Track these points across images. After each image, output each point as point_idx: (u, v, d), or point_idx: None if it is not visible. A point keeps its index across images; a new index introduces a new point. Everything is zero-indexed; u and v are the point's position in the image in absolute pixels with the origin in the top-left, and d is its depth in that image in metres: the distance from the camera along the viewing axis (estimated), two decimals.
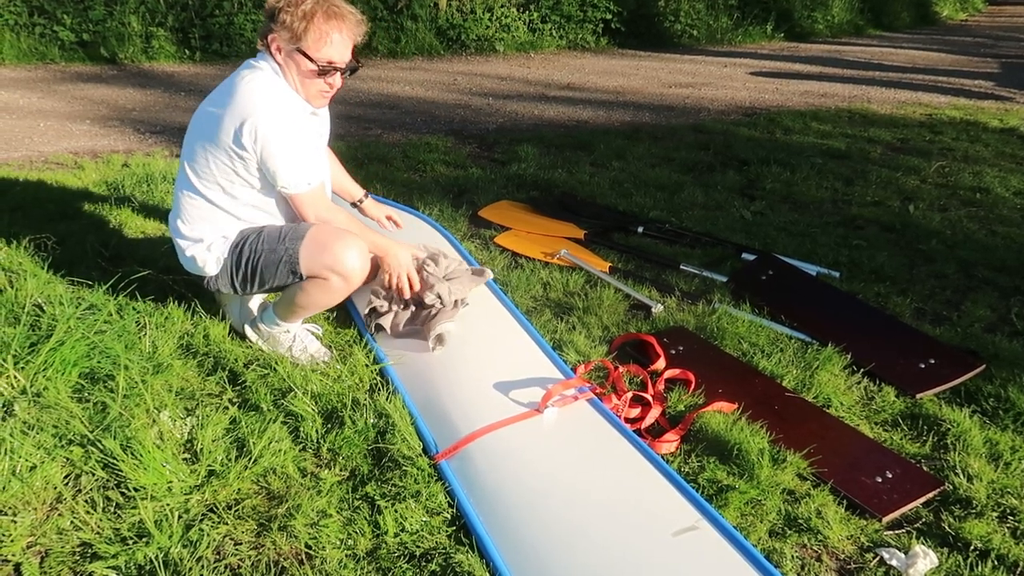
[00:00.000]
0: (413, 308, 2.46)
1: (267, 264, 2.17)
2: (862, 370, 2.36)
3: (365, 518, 1.69)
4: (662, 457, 1.91)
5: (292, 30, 2.06)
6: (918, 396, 2.26)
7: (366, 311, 2.50)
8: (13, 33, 8.09)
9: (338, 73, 2.15)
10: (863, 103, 6.46)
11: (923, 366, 2.38)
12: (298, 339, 2.32)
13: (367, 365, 2.24)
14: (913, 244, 3.42)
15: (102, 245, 3.00)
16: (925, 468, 1.95)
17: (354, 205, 2.70)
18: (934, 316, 2.79)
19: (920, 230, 3.57)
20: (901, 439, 2.09)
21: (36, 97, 6.11)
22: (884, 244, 3.40)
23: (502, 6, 9.44)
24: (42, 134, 4.94)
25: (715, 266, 3.06)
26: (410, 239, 2.87)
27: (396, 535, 1.64)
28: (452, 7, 9.41)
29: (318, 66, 2.09)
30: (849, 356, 2.40)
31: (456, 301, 2.47)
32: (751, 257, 3.10)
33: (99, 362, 2.09)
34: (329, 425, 1.98)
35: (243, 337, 2.39)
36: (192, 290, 2.66)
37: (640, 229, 3.37)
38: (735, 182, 4.15)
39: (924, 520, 1.79)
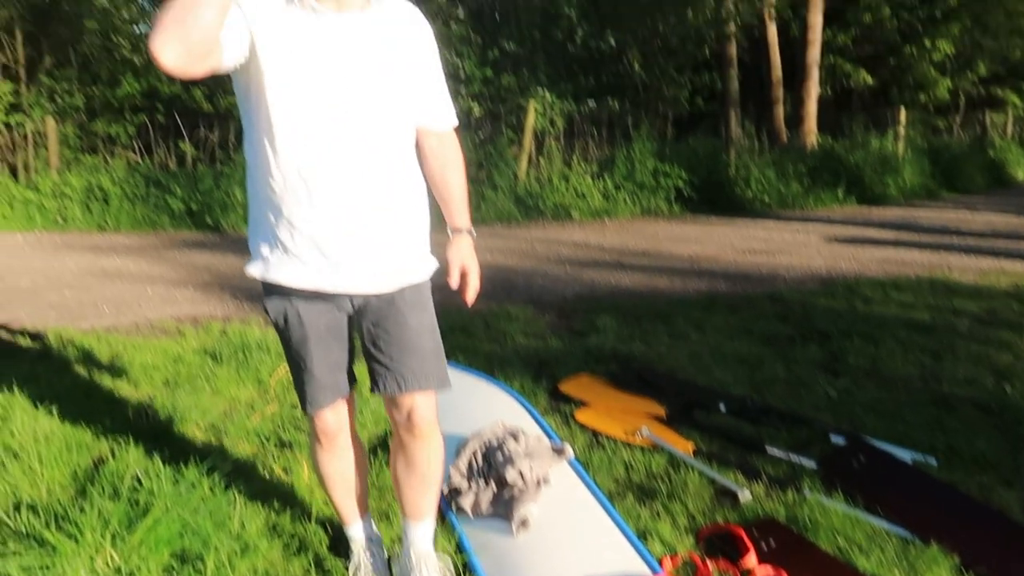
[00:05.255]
0: (495, 488, 2.46)
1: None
2: (973, 573, 2.20)
3: None
4: None
5: None
6: None
7: (446, 490, 2.51)
8: (130, 203, 8.92)
9: None
10: (944, 271, 6.38)
11: None
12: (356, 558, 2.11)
13: (450, 554, 2.22)
14: (1014, 427, 3.26)
15: (200, 415, 3.14)
16: None
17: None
18: None
19: (1020, 412, 3.40)
20: None
21: (146, 263, 6.63)
22: (982, 427, 3.25)
23: (578, 175, 9.93)
24: (149, 300, 5.31)
25: (803, 449, 2.97)
26: (492, 412, 2.92)
27: None
28: (530, 176, 9.95)
29: None
30: (956, 556, 2.25)
31: (538, 480, 2.46)
32: (840, 440, 3.00)
33: (190, 542, 2.14)
34: None
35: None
36: (284, 463, 2.74)
37: (722, 407, 3.33)
38: (817, 356, 4.09)
39: None
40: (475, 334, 4.36)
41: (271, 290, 1.79)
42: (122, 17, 12.77)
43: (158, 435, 2.97)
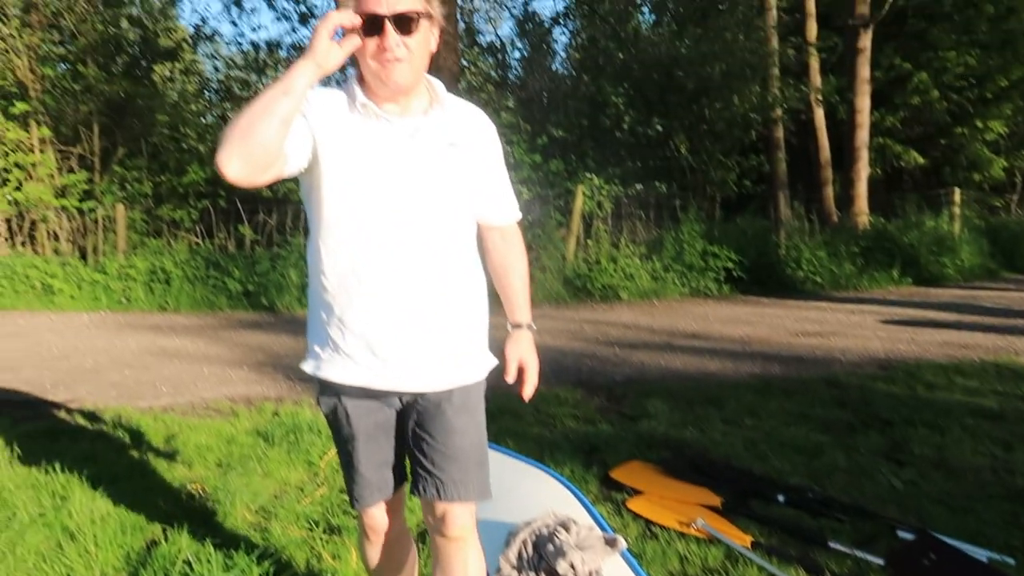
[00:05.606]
0: None
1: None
2: None
3: None
4: None
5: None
6: None
7: None
8: (190, 284, 9.22)
9: (384, 29, 1.57)
10: (1010, 355, 6.14)
11: None
12: None
13: None
14: None
15: (250, 497, 3.15)
16: None
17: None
18: None
19: None
20: None
21: (203, 343, 6.79)
22: None
23: (626, 257, 9.97)
24: (205, 380, 5.42)
25: (868, 544, 2.83)
26: (542, 500, 2.86)
27: None
28: (578, 258, 10.02)
29: (359, 20, 1.58)
30: None
31: (590, 573, 2.39)
32: (908, 535, 2.86)
33: None
34: None
35: None
36: (333, 549, 2.72)
37: (781, 497, 3.21)
38: (879, 444, 3.94)
39: None
40: (524, 417, 4.33)
41: (324, 386, 1.81)
42: (191, 110, 13.55)
43: (209, 518, 2.98)
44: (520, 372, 1.94)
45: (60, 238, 10.42)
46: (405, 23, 1.58)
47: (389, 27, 1.57)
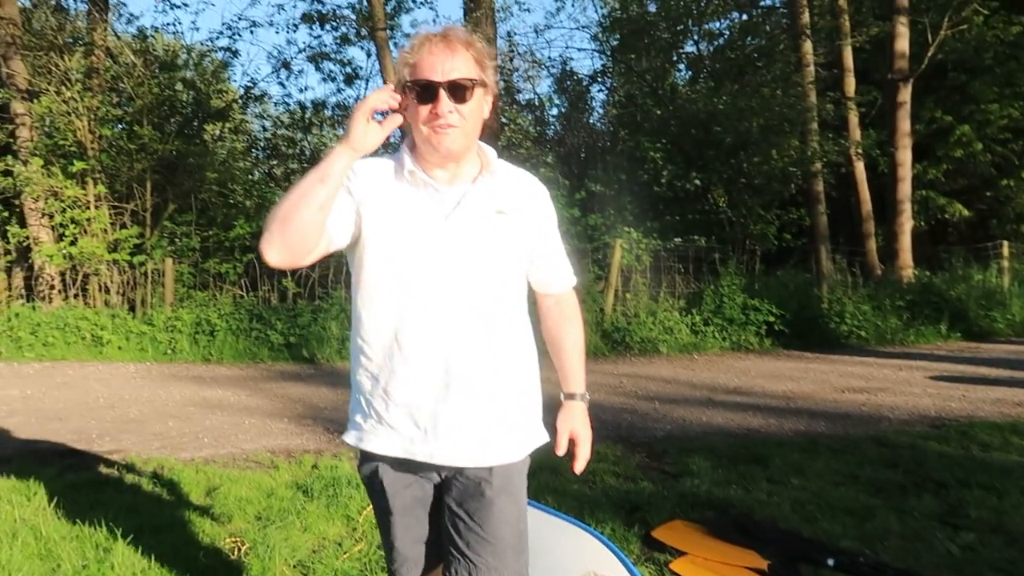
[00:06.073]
0: None
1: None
2: None
3: None
4: None
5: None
6: None
7: None
8: (234, 336, 9.37)
9: (439, 96, 1.59)
10: None
11: None
12: None
13: None
14: None
15: (289, 552, 3.14)
16: None
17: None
18: None
19: None
20: None
21: (244, 394, 6.87)
22: None
23: (665, 310, 9.90)
24: (246, 431, 5.47)
25: None
26: (583, 560, 2.80)
27: None
28: (617, 312, 9.98)
29: (409, 86, 1.62)
30: None
31: None
32: None
33: None
34: None
35: None
36: None
37: (831, 561, 3.10)
38: (933, 507, 3.80)
39: None
40: (564, 474, 4.26)
41: (364, 455, 1.79)
42: (239, 167, 13.97)
43: (248, 572, 2.98)
44: (572, 443, 1.89)
45: (111, 291, 10.71)
46: (459, 91, 1.60)
47: (443, 94, 1.59)
